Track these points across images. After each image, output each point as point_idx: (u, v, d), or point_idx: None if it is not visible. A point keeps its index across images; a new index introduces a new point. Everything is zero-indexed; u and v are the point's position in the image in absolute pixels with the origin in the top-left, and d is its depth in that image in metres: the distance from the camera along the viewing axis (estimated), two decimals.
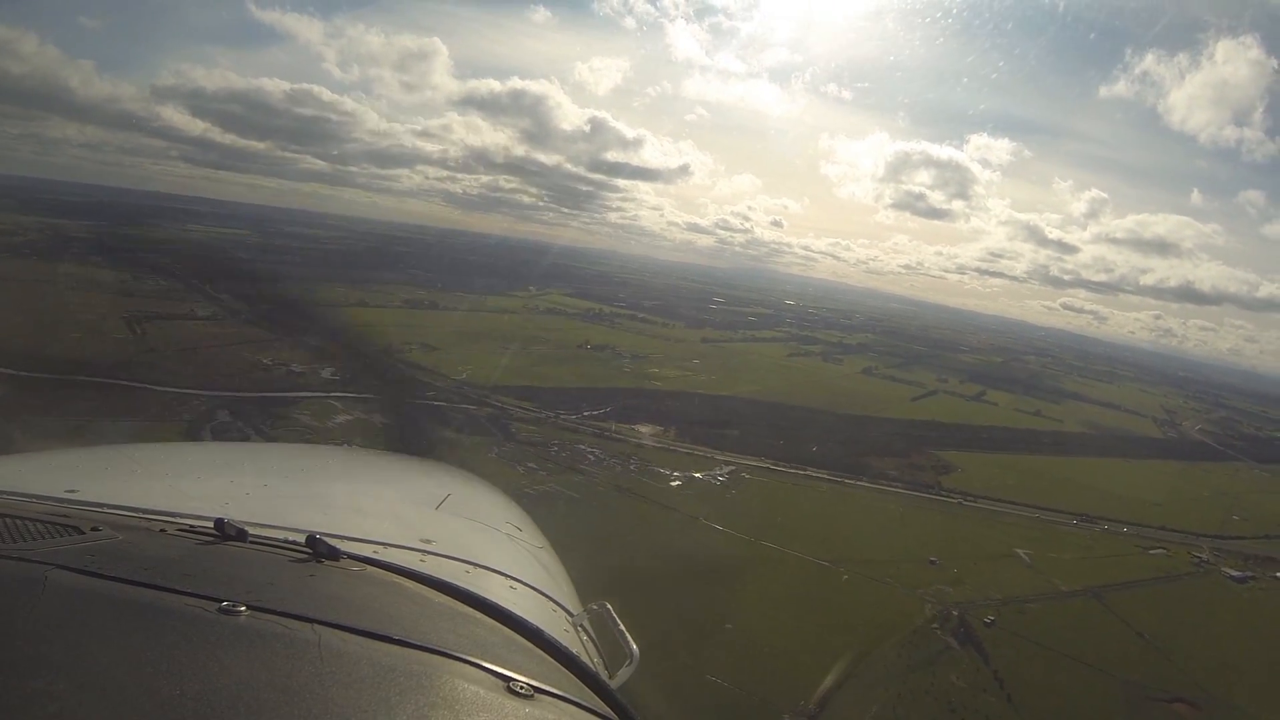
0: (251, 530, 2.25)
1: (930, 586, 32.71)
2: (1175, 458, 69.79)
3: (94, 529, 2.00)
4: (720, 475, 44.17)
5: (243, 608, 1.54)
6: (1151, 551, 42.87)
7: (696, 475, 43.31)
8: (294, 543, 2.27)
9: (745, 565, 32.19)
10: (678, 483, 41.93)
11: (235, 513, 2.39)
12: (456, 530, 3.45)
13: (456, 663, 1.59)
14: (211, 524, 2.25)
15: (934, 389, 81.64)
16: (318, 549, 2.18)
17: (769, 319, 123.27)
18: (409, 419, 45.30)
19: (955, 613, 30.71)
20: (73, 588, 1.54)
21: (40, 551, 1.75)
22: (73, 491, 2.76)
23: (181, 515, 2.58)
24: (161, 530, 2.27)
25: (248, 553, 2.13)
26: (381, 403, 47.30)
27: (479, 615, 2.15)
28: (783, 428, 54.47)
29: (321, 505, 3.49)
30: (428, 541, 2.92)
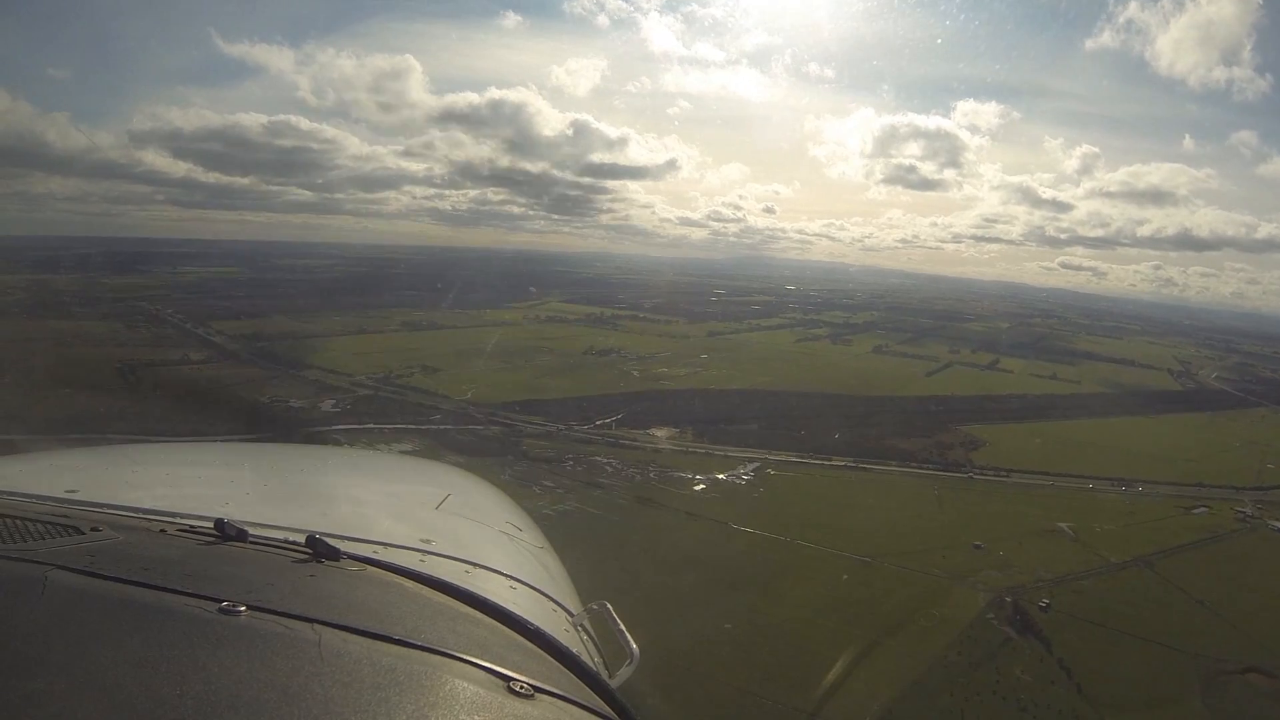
0: (251, 530, 2.23)
1: (979, 573, 31.41)
2: (1197, 409, 68.97)
3: (94, 529, 2.00)
4: (744, 474, 42.80)
5: (243, 608, 1.53)
6: (1194, 511, 41.77)
7: (719, 476, 41.96)
8: (294, 543, 2.24)
9: (783, 569, 30.91)
10: (701, 486, 40.59)
11: (235, 513, 2.38)
12: (456, 530, 3.39)
13: (457, 663, 1.57)
14: (211, 524, 2.24)
15: (947, 361, 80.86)
16: (318, 549, 2.14)
17: (772, 306, 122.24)
18: (417, 446, 44.09)
19: (1009, 599, 29.43)
20: (73, 588, 1.53)
21: (41, 551, 1.75)
22: (73, 491, 2.76)
23: (181, 515, 2.56)
24: (161, 530, 2.27)
25: (248, 553, 2.11)
26: (386, 432, 46.10)
27: (479, 615, 2.11)
28: (801, 417, 53.25)
29: (321, 505, 3.48)
30: (427, 541, 2.89)
